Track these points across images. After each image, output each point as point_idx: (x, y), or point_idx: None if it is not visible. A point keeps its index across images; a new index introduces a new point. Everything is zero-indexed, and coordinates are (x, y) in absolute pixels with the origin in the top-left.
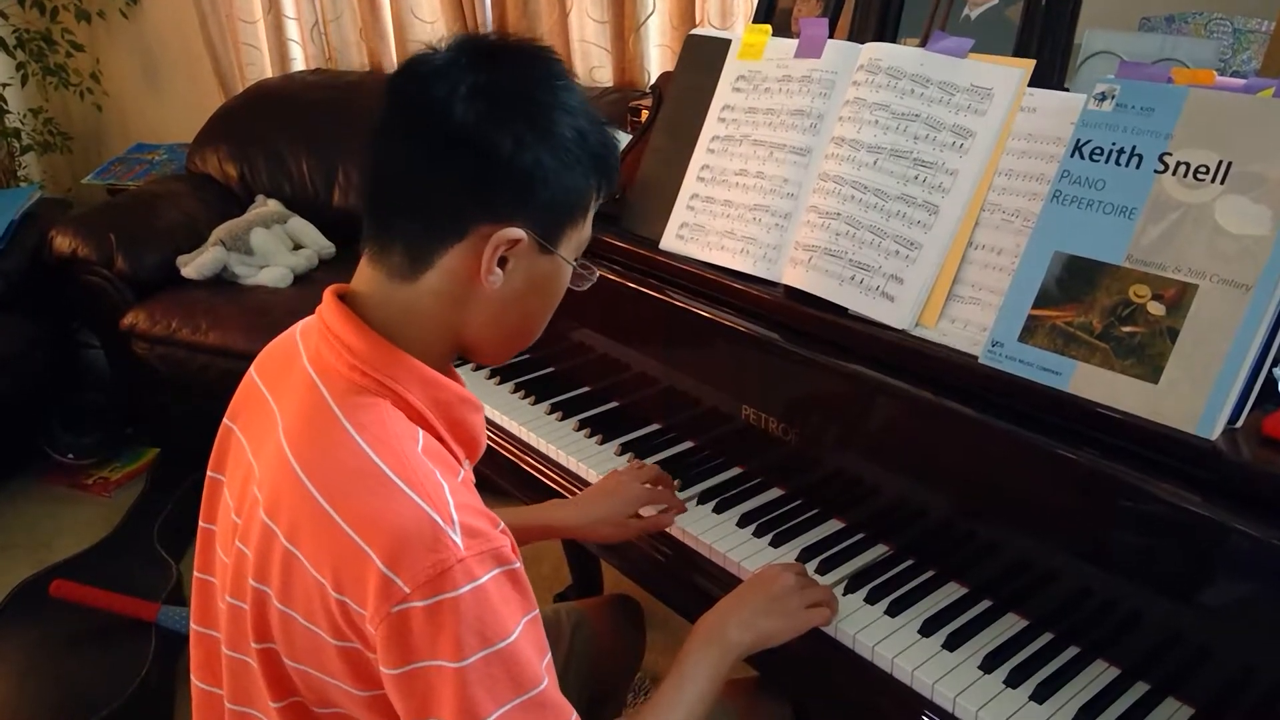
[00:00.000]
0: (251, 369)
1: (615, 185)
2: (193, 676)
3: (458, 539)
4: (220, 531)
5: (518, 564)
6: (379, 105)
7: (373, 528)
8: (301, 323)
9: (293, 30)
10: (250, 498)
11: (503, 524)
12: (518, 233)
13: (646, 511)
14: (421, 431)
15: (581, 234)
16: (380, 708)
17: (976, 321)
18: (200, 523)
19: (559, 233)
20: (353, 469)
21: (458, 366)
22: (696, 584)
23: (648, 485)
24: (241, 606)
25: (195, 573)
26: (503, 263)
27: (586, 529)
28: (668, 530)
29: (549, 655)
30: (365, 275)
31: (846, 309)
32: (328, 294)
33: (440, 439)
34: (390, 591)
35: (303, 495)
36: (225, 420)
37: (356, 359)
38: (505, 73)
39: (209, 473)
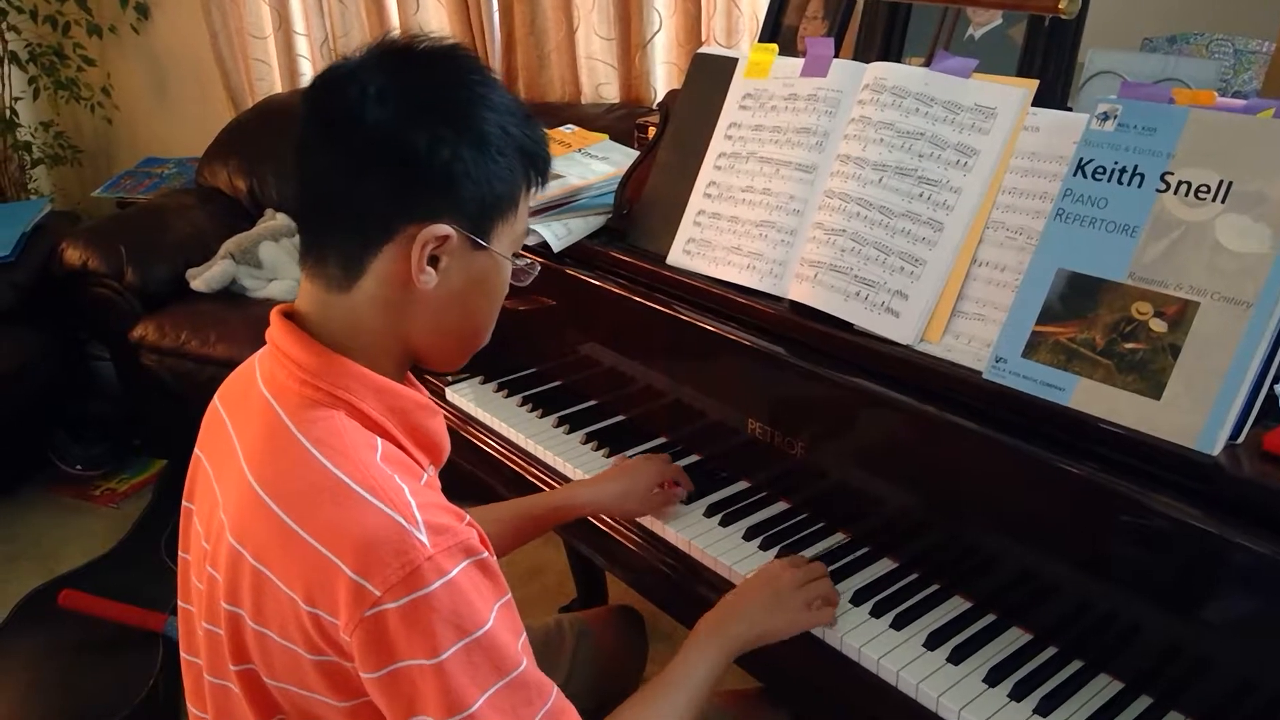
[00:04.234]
0: (215, 397)
1: (548, 177)
2: (188, 702)
3: (423, 537)
4: (194, 559)
5: (486, 554)
6: (299, 117)
7: (339, 538)
8: (261, 350)
9: (302, 46)
10: (217, 523)
11: (469, 517)
12: (444, 229)
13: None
14: (380, 439)
15: (515, 229)
16: (363, 716)
17: (980, 337)
18: (179, 552)
19: (489, 227)
20: (313, 483)
21: (457, 379)
22: (703, 596)
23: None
24: (217, 631)
25: (179, 602)
26: (435, 262)
27: (607, 504)
28: (674, 543)
29: (524, 635)
30: (306, 291)
31: (852, 324)
32: (274, 314)
33: (400, 446)
34: (362, 597)
35: (266, 515)
36: (195, 449)
37: (306, 373)
38: (417, 73)
39: (183, 502)
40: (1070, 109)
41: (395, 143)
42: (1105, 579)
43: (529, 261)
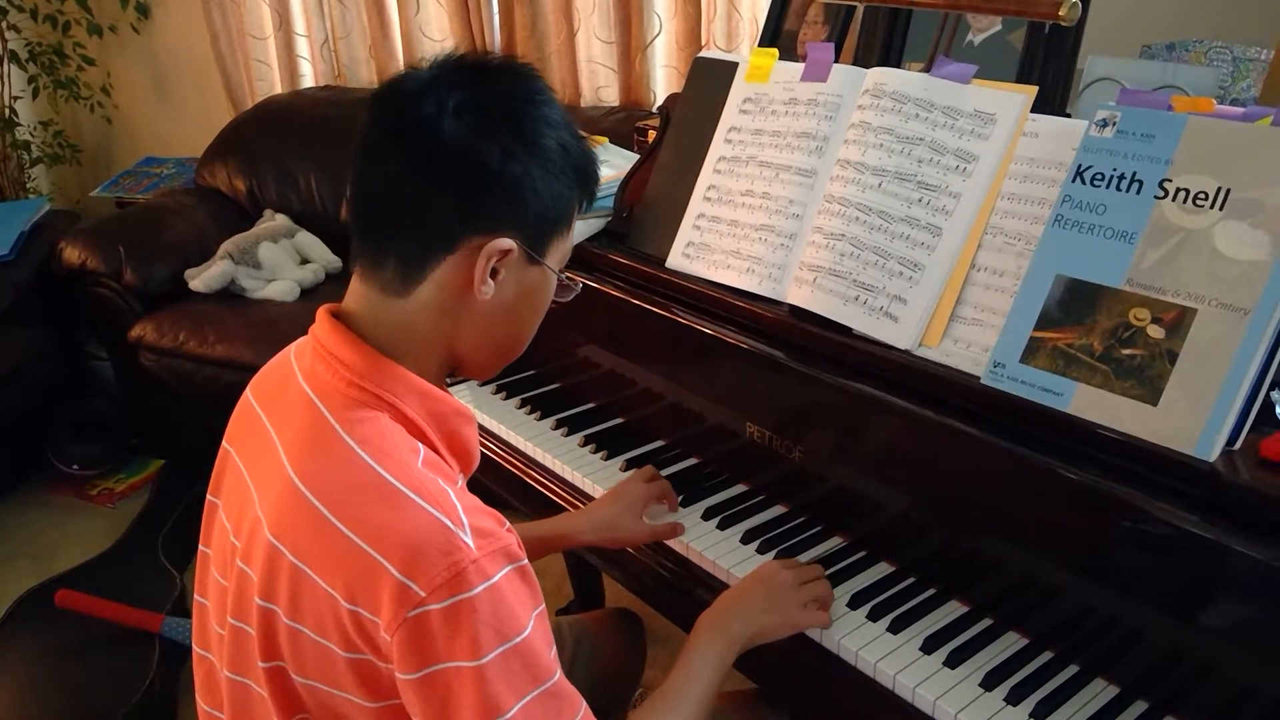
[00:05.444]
0: (247, 391)
1: (595, 197)
2: (197, 698)
3: (469, 540)
4: (216, 554)
5: (525, 560)
6: (363, 122)
7: (385, 538)
8: (295, 344)
9: (303, 47)
10: (251, 518)
11: (508, 523)
12: (508, 243)
13: (652, 513)
14: (421, 445)
15: (565, 245)
16: (389, 718)
17: (979, 342)
18: (199, 546)
19: (546, 243)
20: (359, 482)
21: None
22: (699, 599)
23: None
24: (245, 628)
25: (195, 596)
26: (494, 274)
27: (600, 534)
28: (672, 545)
29: (554, 647)
30: (357, 292)
31: (851, 329)
32: (321, 312)
33: (436, 451)
34: (406, 597)
35: (309, 512)
36: (223, 443)
37: (353, 374)
38: (489, 89)
39: (208, 496)
40: (1069, 115)
41: (470, 156)
42: (1102, 584)
43: (575, 280)
